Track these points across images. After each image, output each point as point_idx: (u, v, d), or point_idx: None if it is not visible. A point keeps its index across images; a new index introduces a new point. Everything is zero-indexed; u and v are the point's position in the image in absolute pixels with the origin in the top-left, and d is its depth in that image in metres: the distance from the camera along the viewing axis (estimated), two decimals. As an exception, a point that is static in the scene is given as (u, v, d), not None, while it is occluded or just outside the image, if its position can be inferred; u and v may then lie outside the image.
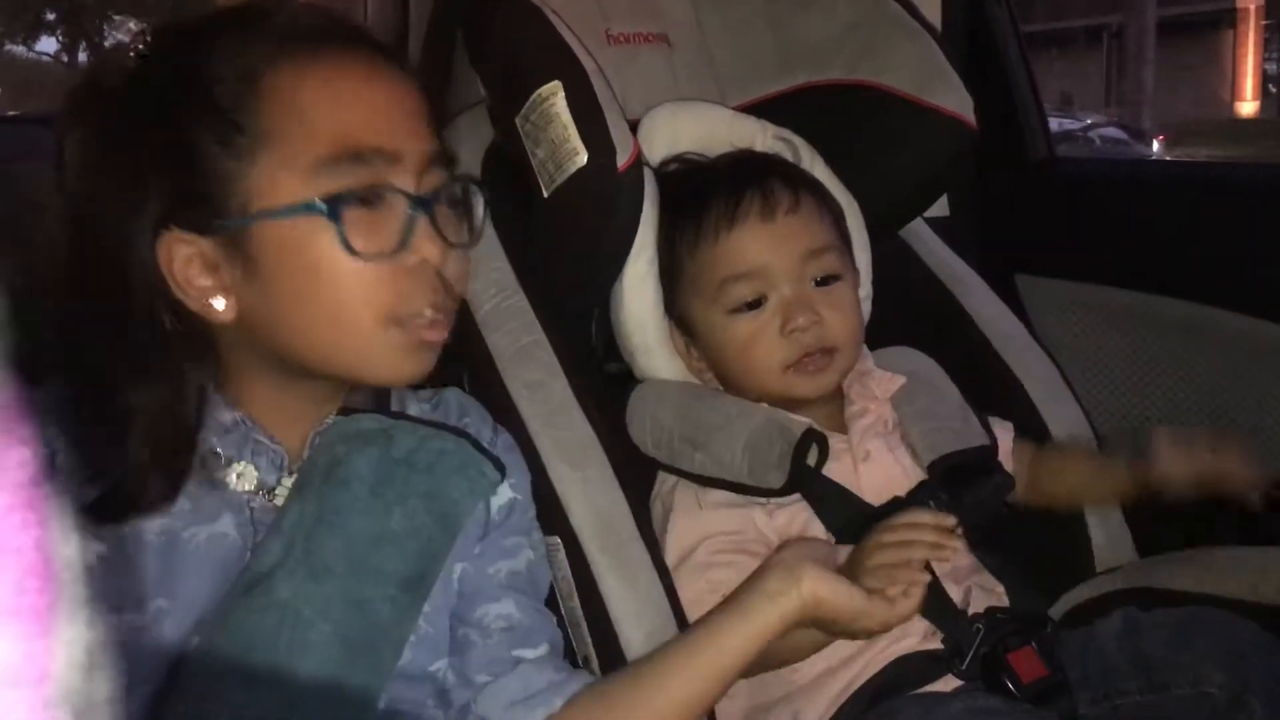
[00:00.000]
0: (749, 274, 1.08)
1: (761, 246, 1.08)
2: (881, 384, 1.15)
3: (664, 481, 1.12)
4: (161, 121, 0.79)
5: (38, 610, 0.24)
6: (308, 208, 0.78)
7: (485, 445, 0.93)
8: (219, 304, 0.80)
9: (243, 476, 0.85)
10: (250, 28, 0.82)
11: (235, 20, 0.83)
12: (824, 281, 1.09)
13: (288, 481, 0.87)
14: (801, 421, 1.06)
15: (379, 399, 0.92)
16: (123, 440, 0.79)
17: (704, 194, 1.11)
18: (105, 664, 0.25)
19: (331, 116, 0.79)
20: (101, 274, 0.80)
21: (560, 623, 1.00)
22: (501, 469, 0.92)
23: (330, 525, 0.82)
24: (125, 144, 0.79)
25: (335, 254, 0.79)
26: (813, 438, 1.05)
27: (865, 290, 1.22)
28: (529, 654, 0.92)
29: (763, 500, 1.06)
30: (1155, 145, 11.22)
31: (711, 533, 1.05)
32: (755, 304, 1.08)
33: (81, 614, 0.24)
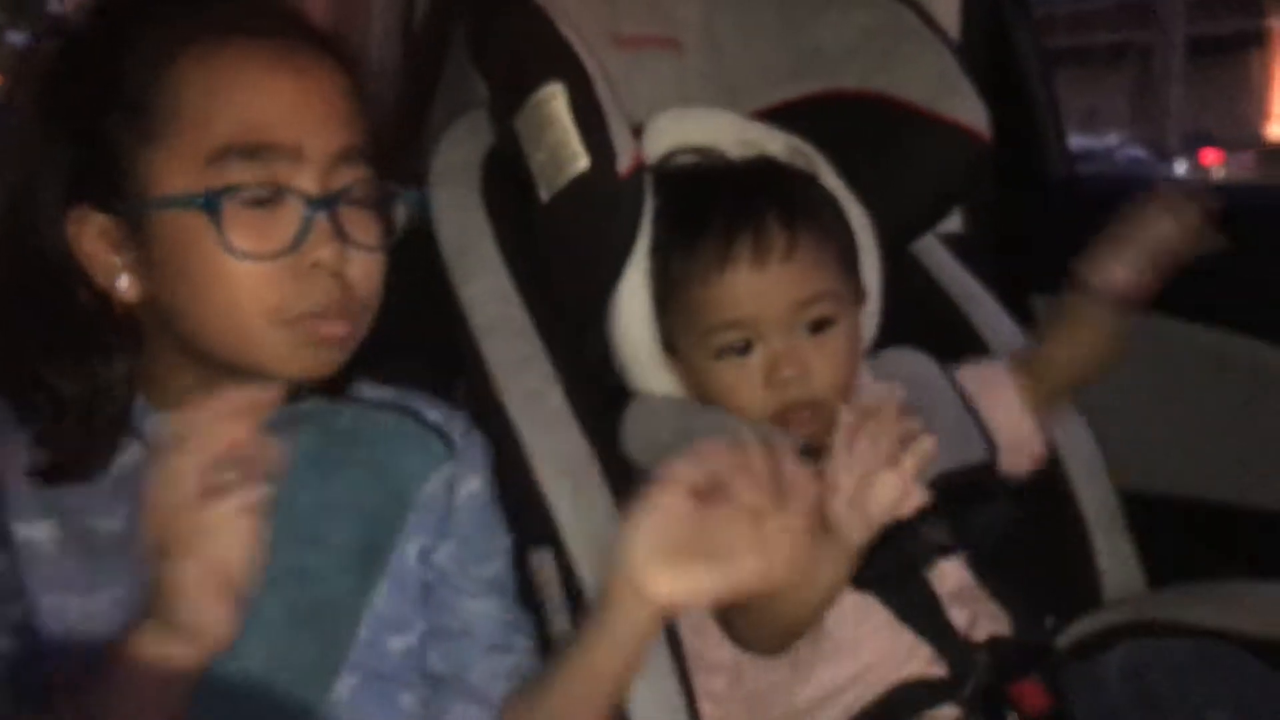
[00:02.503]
0: (737, 323, 1.05)
1: (752, 296, 1.04)
2: (870, 399, 1.12)
3: None
4: (77, 96, 0.80)
5: None
6: (189, 202, 0.78)
7: (453, 439, 0.94)
8: (122, 283, 0.81)
9: None
10: (172, 7, 0.82)
11: (160, 1, 0.83)
12: (818, 326, 1.06)
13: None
14: (793, 441, 1.03)
15: (330, 391, 0.91)
16: (53, 415, 0.81)
17: (697, 222, 1.07)
18: None
19: (229, 106, 0.79)
20: (21, 245, 0.81)
21: (545, 635, 0.99)
22: (449, 444, 0.92)
23: (271, 499, 0.82)
24: (47, 114, 0.81)
25: (217, 251, 0.78)
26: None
27: (873, 305, 1.20)
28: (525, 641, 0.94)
29: None
30: (1179, 166, 11.11)
31: None
32: (743, 349, 1.05)
33: None
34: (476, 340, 1.08)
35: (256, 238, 0.78)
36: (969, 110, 1.19)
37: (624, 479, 1.07)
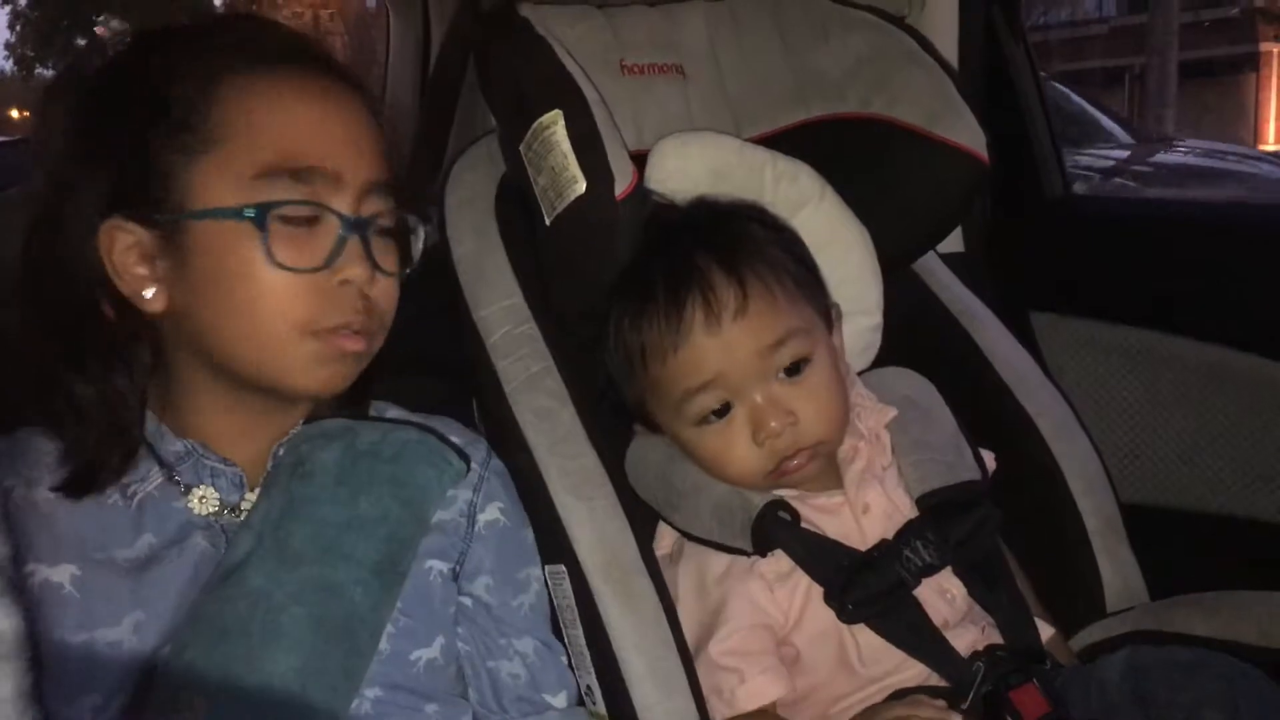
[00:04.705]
0: (708, 384, 1.01)
1: (714, 359, 1.01)
2: (868, 417, 1.12)
3: (666, 534, 1.11)
4: (118, 114, 0.83)
5: None
6: (237, 214, 0.81)
7: (472, 459, 0.96)
8: (148, 293, 0.84)
9: (205, 500, 0.88)
10: (214, 36, 0.86)
11: (201, 29, 0.88)
12: (793, 368, 1.03)
13: (251, 496, 0.89)
14: (763, 496, 1.02)
15: (353, 412, 0.94)
16: (73, 423, 0.84)
17: (640, 293, 1.04)
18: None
19: (276, 129, 0.83)
20: (51, 256, 0.84)
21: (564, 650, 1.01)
22: (466, 459, 0.95)
23: (298, 515, 0.84)
24: (86, 133, 0.84)
25: (258, 262, 0.82)
26: (776, 508, 1.01)
27: (876, 320, 1.22)
28: (552, 699, 0.97)
29: (753, 558, 1.02)
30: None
31: (724, 620, 1.02)
32: (722, 410, 1.02)
33: None
34: (491, 359, 1.09)
35: (295, 253, 0.83)
36: (966, 132, 1.21)
37: (635, 493, 1.08)
